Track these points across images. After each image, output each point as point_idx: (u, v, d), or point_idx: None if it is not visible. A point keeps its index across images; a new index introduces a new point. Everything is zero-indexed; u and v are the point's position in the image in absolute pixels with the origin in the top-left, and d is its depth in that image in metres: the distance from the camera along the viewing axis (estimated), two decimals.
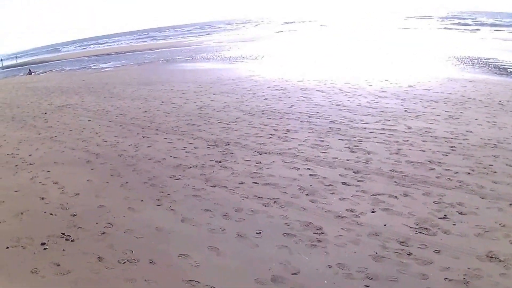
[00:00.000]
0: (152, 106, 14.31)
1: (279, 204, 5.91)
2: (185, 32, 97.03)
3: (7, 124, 14.13)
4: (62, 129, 12.34)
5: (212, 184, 6.85)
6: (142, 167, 8.08)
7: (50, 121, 13.83)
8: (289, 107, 12.21)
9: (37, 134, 12.05)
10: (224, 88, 16.70)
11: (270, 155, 8.14)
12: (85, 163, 8.70)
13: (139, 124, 11.82)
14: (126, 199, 6.54)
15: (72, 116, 14.24)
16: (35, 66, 55.43)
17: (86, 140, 10.66)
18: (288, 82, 16.52)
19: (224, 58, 30.82)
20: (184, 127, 10.96)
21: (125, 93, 18.13)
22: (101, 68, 35.53)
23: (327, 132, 9.20)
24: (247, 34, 64.00)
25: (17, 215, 6.38)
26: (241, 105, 13.04)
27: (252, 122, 10.85)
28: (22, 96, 22.06)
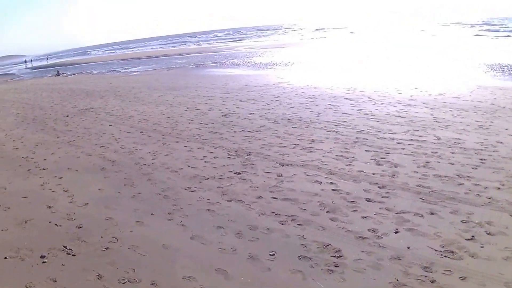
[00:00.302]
0: (176, 112, 14.21)
1: (297, 222, 5.56)
2: (217, 38, 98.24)
3: (27, 126, 14.36)
4: (82, 133, 12.36)
5: (228, 198, 6.56)
6: (157, 177, 7.88)
7: (70, 124, 13.95)
8: (316, 115, 11.96)
9: (56, 137, 12.12)
10: (251, 95, 16.55)
11: (292, 167, 7.82)
12: (99, 171, 8.59)
13: (160, 130, 11.70)
14: (135, 212, 6.33)
15: (93, 120, 14.30)
16: (65, 68, 57.17)
17: (104, 146, 10.59)
18: (317, 90, 16.38)
19: (254, 64, 30.85)
20: (206, 135, 10.76)
21: (150, 98, 18.17)
22: (130, 72, 36.10)
23: (354, 143, 8.91)
24: (278, 41, 64.20)
25: (21, 223, 6.29)
26: (267, 113, 12.83)
27: (276, 131, 10.59)
28: (46, 97, 22.54)
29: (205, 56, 46.17)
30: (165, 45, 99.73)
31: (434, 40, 41.86)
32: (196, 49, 63.06)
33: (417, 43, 40.21)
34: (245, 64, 31.81)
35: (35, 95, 25.11)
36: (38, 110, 18.34)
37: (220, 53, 48.09)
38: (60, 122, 14.69)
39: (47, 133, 12.86)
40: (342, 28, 79.00)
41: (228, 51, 50.37)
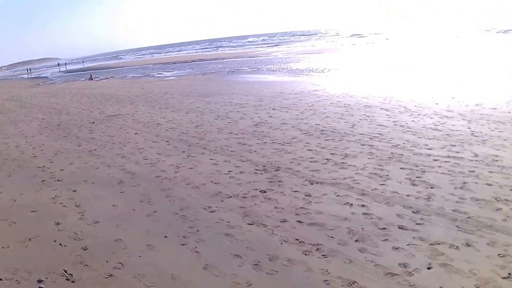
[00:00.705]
0: (206, 120, 13.96)
1: (321, 253, 5.08)
2: (255, 42, 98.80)
3: (50, 133, 14.46)
4: (105, 141, 12.29)
5: (250, 221, 6.13)
6: (177, 193, 7.55)
7: (95, 132, 13.95)
8: (351, 127, 11.55)
9: (77, 145, 12.09)
10: (285, 103, 16.23)
11: (322, 185, 7.35)
12: (116, 184, 8.36)
13: (187, 140, 11.44)
14: (148, 233, 5.99)
15: (119, 127, 14.24)
16: (98, 71, 58.67)
17: (125, 156, 10.42)
18: (352, 98, 16.06)
19: (290, 71, 30.65)
20: (235, 146, 10.42)
21: (181, 104, 18.06)
22: (164, 77, 36.47)
23: (388, 159, 8.50)
24: (315, 46, 63.83)
25: (24, 241, 6.09)
26: (300, 123, 12.46)
27: (308, 143, 10.18)
28: (75, 102, 22.91)
29: (241, 61, 46.33)
30: (202, 49, 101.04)
31: (471, 46, 40.38)
32: (233, 54, 63.47)
33: (453, 49, 38.96)
34: (281, 70, 31.65)
35: (64, 99, 25.63)
36: (65, 115, 18.55)
37: (257, 59, 48.21)
38: (84, 129, 14.71)
39: (69, 141, 12.85)
40: (377, 34, 77.72)
41: (264, 57, 50.45)
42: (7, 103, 27.44)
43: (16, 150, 12.27)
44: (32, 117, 19.12)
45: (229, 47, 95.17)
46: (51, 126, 16.05)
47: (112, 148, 11.48)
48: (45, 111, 21.03)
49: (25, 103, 26.10)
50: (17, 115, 20.53)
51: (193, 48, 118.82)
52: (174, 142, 11.46)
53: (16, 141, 13.64)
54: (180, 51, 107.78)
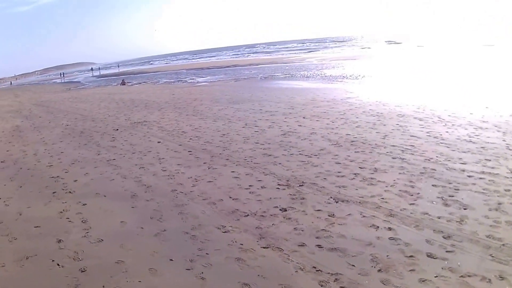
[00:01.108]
0: (233, 128, 13.69)
1: (340, 284, 4.68)
2: (290, 48, 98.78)
3: (72, 140, 14.53)
4: (125, 150, 12.20)
5: (265, 244, 5.76)
6: (191, 210, 7.27)
7: (117, 140, 13.89)
8: (382, 137, 11.15)
9: (96, 154, 12.05)
10: (316, 111, 15.86)
11: (347, 204, 6.94)
12: (129, 198, 8.17)
13: (210, 150, 11.18)
14: (153, 255, 5.71)
15: (143, 135, 14.16)
16: (132, 76, 59.55)
17: (144, 167, 10.26)
18: (385, 107, 15.73)
19: (324, 77, 30.22)
20: (259, 157, 10.10)
21: (210, 111, 17.89)
22: (196, 83, 36.61)
23: (420, 174, 8.12)
24: (349, 52, 62.76)
25: (21, 259, 5.96)
26: (330, 133, 12.07)
27: (337, 155, 9.79)
28: (103, 108, 23.12)
29: (276, 67, 46.14)
30: (237, 55, 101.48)
31: (506, 54, 38.80)
32: (267, 60, 63.34)
33: (487, 56, 37.59)
34: (315, 76, 31.31)
35: (92, 105, 25.97)
36: (90, 122, 18.69)
37: (291, 65, 47.93)
38: (107, 136, 14.70)
39: (89, 149, 12.84)
40: (411, 40, 75.98)
41: (299, 63, 50.16)
42: (35, 109, 28.06)
43: (33, 159, 12.33)
44: (57, 124, 19.38)
45: (264, 52, 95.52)
46: (73, 133, 16.15)
47: (132, 157, 11.34)
48: (71, 117, 21.30)
49: (52, 109, 26.59)
50: (42, 121, 20.88)
51: (228, 53, 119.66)
52: (197, 152, 11.22)
53: (35, 149, 13.77)
54: (215, 56, 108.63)
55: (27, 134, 17.20)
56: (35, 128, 18.88)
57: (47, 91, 52.12)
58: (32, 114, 25.12)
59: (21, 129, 19.13)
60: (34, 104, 32.75)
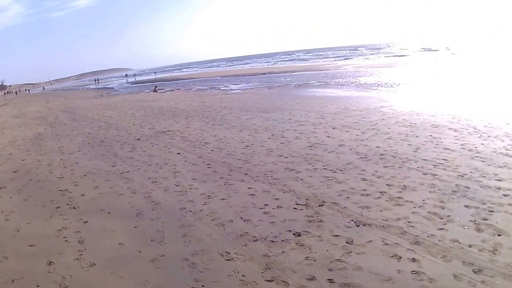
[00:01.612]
0: (258, 140, 13.24)
1: None
2: (325, 55, 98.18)
3: (90, 150, 14.44)
4: (142, 162, 11.93)
5: (270, 276, 5.26)
6: (196, 232, 6.84)
7: (136, 150, 13.70)
8: (414, 150, 10.56)
9: (111, 166, 11.85)
10: (347, 121, 15.31)
11: (369, 228, 6.39)
12: (134, 216, 7.83)
13: (230, 163, 10.76)
14: (143, 285, 5.31)
15: (163, 146, 13.90)
16: (166, 83, 59.91)
17: (157, 181, 9.92)
18: (419, 116, 15.09)
19: (358, 85, 29.49)
20: (280, 172, 9.64)
21: (237, 120, 17.52)
22: (229, 90, 36.40)
23: (452, 193, 7.54)
24: (385, 60, 61.31)
25: (7, 282, 5.77)
26: (359, 145, 11.52)
27: (364, 171, 9.23)
28: (129, 116, 23.12)
29: (311, 74, 45.61)
30: (274, 62, 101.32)
31: None
32: (303, 67, 62.83)
33: None
34: (349, 84, 30.66)
35: (119, 113, 26.06)
36: (113, 130, 18.61)
37: (326, 72, 47.33)
38: (126, 146, 14.52)
39: (105, 160, 12.68)
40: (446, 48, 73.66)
41: (334, 70, 49.48)
42: (62, 116, 28.45)
43: (46, 169, 12.24)
44: (79, 132, 19.45)
45: (300, 60, 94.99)
46: (94, 142, 16.05)
47: (147, 170, 11.05)
48: (95, 125, 21.35)
49: (78, 116, 26.90)
50: (65, 129, 21.07)
51: (265, 60, 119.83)
52: (216, 165, 10.81)
53: (50, 159, 13.71)
54: (251, 63, 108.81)
55: (46, 143, 17.25)
56: (57, 136, 18.98)
57: (79, 97, 53.07)
58: (57, 121, 25.42)
59: (43, 136, 19.27)
60: (62, 110, 33.27)
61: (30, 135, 20.55)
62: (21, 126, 25.47)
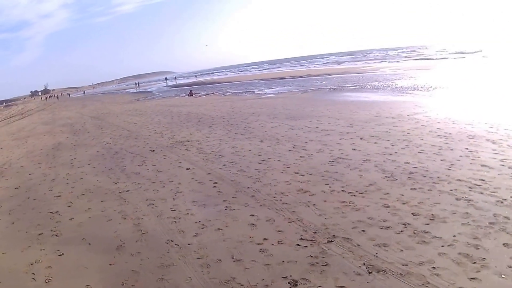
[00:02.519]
0: (277, 152, 12.23)
1: None
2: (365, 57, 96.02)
3: (100, 163, 13.92)
4: (146, 179, 11.14)
5: None
6: (175, 274, 5.87)
7: (146, 164, 13.03)
8: (447, 167, 9.26)
9: (114, 183, 11.13)
10: (377, 130, 14.06)
11: (383, 277, 5.21)
12: (113, 250, 6.95)
13: (239, 182, 9.78)
14: None
15: (175, 159, 13.12)
16: (204, 87, 59.88)
17: (153, 203, 9.10)
18: (455, 125, 13.70)
19: (394, 88, 27.79)
20: (292, 194, 8.54)
21: (262, 129, 16.53)
22: (263, 94, 35.48)
23: (489, 226, 6.27)
24: (423, 62, 58.06)
25: None
26: (386, 161, 10.27)
27: (387, 194, 7.98)
28: (155, 123, 22.79)
29: (347, 77, 43.94)
30: (314, 64, 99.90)
31: None
32: (341, 70, 60.99)
33: None
34: (385, 88, 28.97)
35: (146, 119, 25.66)
36: (132, 140, 18.01)
37: (363, 75, 45.61)
38: (138, 159, 13.82)
39: (110, 175, 12.05)
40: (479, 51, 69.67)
41: (371, 72, 47.59)
42: (89, 122, 28.62)
43: (47, 186, 11.77)
44: (98, 141, 19.09)
45: (338, 62, 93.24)
46: (107, 154, 15.45)
47: (148, 189, 10.22)
48: (116, 133, 20.88)
49: (105, 123, 26.82)
50: (86, 138, 20.85)
51: (306, 62, 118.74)
52: (223, 184, 9.83)
53: (57, 173, 13.29)
54: (292, 66, 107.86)
55: (61, 154, 16.87)
56: (74, 146, 18.65)
57: (115, 102, 53.21)
58: (83, 129, 25.30)
59: (61, 146, 19.03)
60: (92, 116, 33.18)
61: (50, 144, 20.27)
62: (46, 134, 25.38)
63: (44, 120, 38.02)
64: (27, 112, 61.53)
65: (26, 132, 28.84)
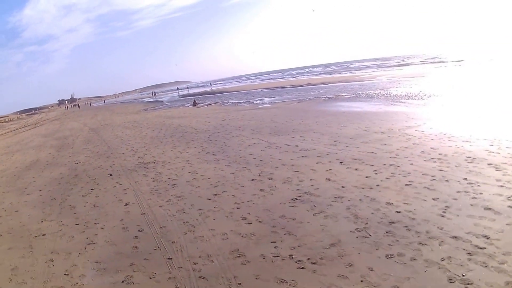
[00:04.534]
0: (237, 182, 9.85)
1: None
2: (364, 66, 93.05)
3: (50, 190, 12.16)
4: (74, 218, 9.26)
5: None
6: None
7: (90, 194, 11.10)
8: (441, 213, 6.59)
9: (40, 221, 9.34)
10: (361, 150, 11.55)
11: None
12: None
13: (166, 232, 7.44)
14: None
15: (123, 189, 11.05)
16: (210, 96, 57.89)
17: (52, 261, 6.78)
18: (451, 143, 11.18)
19: (388, 97, 25.01)
20: (219, 260, 6.00)
21: (237, 147, 14.27)
22: (260, 104, 33.09)
23: None
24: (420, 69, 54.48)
25: None
26: (363, 200, 7.65)
27: (351, 267, 5.32)
28: (140, 138, 21.11)
29: (344, 86, 41.19)
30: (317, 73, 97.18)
31: None
32: (340, 78, 57.87)
33: None
34: (379, 96, 26.24)
35: (135, 133, 23.86)
36: (102, 159, 16.18)
37: (360, 83, 42.63)
38: (88, 187, 11.77)
39: (45, 209, 9.99)
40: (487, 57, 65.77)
41: (368, 81, 44.63)
42: (82, 136, 27.02)
43: None
44: (71, 160, 17.23)
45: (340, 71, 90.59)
46: (66, 178, 13.64)
47: (64, 235, 8.15)
48: (94, 150, 18.95)
49: (96, 136, 25.17)
50: (63, 156, 18.98)
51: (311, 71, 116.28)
52: (146, 235, 7.46)
53: (2, 201, 11.56)
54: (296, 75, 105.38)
55: (27, 175, 15.14)
56: (46, 165, 16.79)
57: (123, 112, 51.10)
58: (71, 143, 23.68)
59: (34, 165, 17.23)
60: (91, 128, 31.56)
61: (27, 162, 18.48)
62: (35, 149, 23.66)
63: (47, 131, 36.19)
64: (42, 121, 60.06)
65: (20, 145, 27.09)
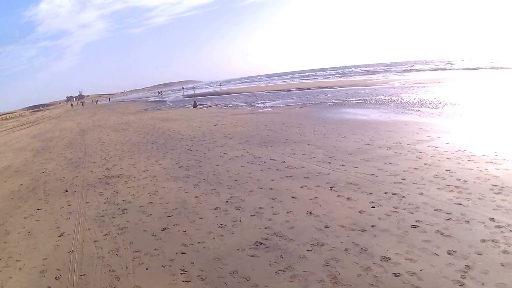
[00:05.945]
0: (197, 212, 8.06)
1: None
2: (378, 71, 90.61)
3: None
4: (22, 251, 7.09)
5: None
6: None
7: (32, 217, 9.52)
8: (458, 280, 4.62)
9: None
10: (360, 171, 9.58)
11: None
12: None
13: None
14: None
15: (70, 211, 9.60)
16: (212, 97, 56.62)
17: None
18: (471, 165, 9.22)
19: (398, 104, 22.93)
20: None
21: (215, 162, 12.53)
22: (260, 108, 31.30)
23: None
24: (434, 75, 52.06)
25: None
26: (350, 251, 5.62)
27: None
28: (120, 144, 19.41)
29: (353, 90, 39.14)
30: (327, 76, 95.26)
31: None
32: (350, 82, 55.62)
33: None
34: (389, 103, 24.16)
35: (119, 137, 22.87)
36: (70, 169, 14.88)
37: (371, 87, 40.55)
38: (35, 206, 10.16)
39: None
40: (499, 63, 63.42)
41: (380, 86, 42.24)
42: (68, 138, 25.90)
43: None
44: (41, 167, 15.71)
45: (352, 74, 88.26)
46: (22, 191, 12.12)
47: None
48: (68, 157, 17.64)
49: (80, 139, 23.79)
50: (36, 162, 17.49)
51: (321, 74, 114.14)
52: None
53: None
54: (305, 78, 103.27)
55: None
56: (15, 172, 15.44)
57: (123, 111, 49.63)
58: (54, 147, 22.30)
59: (2, 172, 15.96)
60: (82, 129, 30.68)
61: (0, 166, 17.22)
62: (15, 152, 22.38)
63: (38, 131, 34.97)
64: (41, 120, 58.90)
65: (5, 147, 26.04)
